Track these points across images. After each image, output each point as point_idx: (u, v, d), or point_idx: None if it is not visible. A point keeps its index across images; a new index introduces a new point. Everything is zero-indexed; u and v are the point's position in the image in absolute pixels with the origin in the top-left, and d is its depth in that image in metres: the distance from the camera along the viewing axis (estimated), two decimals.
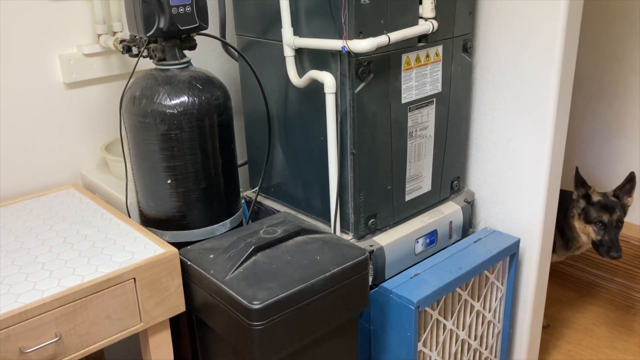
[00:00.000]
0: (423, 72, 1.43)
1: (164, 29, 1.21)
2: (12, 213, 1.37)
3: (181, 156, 1.26)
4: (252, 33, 1.51)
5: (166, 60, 1.28)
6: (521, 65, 1.52)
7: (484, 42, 1.58)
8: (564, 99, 1.52)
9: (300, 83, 1.38)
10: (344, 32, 1.25)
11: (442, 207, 1.61)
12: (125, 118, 1.29)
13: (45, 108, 1.49)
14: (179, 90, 1.24)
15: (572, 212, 1.89)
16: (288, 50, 1.38)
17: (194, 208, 1.32)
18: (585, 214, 1.85)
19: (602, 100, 2.28)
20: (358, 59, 1.28)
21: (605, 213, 1.82)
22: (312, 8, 1.31)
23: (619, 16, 2.16)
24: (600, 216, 1.82)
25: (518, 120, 1.57)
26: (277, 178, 1.59)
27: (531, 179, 1.59)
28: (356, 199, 1.39)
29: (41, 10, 1.42)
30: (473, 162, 1.71)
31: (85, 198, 1.45)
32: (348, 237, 1.43)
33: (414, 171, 1.51)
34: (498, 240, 1.60)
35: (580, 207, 1.86)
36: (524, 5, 1.47)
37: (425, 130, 1.50)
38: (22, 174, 1.49)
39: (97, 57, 1.52)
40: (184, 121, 1.24)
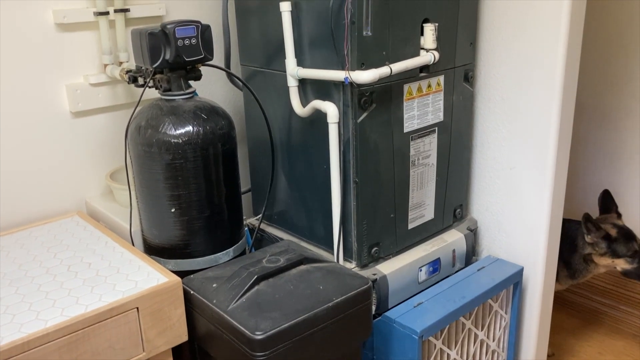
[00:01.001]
0: (425, 102, 1.45)
1: (169, 60, 1.23)
2: (16, 241, 1.38)
3: (185, 185, 1.28)
4: (256, 63, 1.53)
5: (171, 90, 1.30)
6: (522, 94, 1.53)
7: (485, 71, 1.60)
8: (565, 127, 1.53)
9: (303, 112, 1.40)
10: (346, 64, 1.27)
11: (445, 235, 1.62)
12: (131, 147, 1.31)
13: (52, 137, 1.51)
14: (184, 120, 1.26)
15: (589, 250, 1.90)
16: (291, 81, 1.40)
17: (198, 236, 1.32)
18: (613, 251, 1.85)
19: (604, 127, 2.29)
20: (360, 89, 1.30)
21: (632, 242, 1.83)
22: (315, 39, 1.33)
23: (618, 44, 2.18)
24: (630, 248, 1.83)
25: (520, 149, 1.58)
26: (280, 206, 1.60)
27: (534, 207, 1.59)
28: (359, 227, 1.40)
29: (49, 41, 1.45)
30: (475, 190, 1.72)
31: (90, 226, 1.45)
32: (351, 266, 1.43)
33: (417, 199, 1.52)
34: (501, 268, 1.59)
35: (604, 247, 1.86)
36: (524, 34, 1.49)
37: (428, 158, 1.51)
38: (28, 201, 1.51)
39: (103, 87, 1.54)
40: (189, 150, 1.26)
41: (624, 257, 1.84)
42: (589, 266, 1.94)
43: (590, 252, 1.89)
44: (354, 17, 1.23)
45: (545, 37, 1.45)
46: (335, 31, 1.27)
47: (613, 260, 1.87)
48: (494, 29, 1.55)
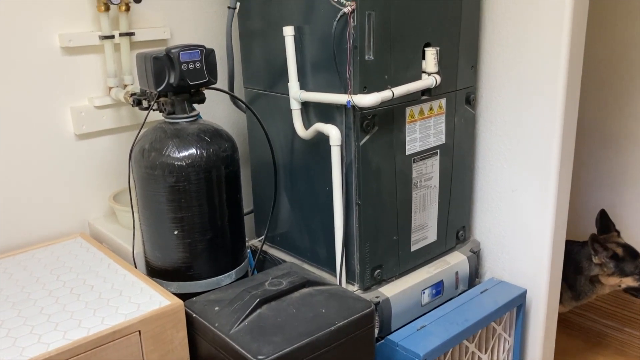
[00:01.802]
0: (427, 125, 1.46)
1: (174, 84, 1.25)
2: (19, 263, 1.38)
3: (188, 207, 1.28)
4: (260, 86, 1.54)
5: (175, 113, 1.31)
6: (524, 116, 1.54)
7: (487, 94, 1.61)
8: (567, 150, 1.53)
9: (306, 135, 1.40)
10: (349, 87, 1.28)
11: (448, 257, 1.61)
12: (134, 169, 1.31)
13: (55, 158, 1.52)
14: (188, 143, 1.27)
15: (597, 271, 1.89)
16: (294, 104, 1.41)
17: (200, 259, 1.32)
18: (621, 270, 1.85)
19: (605, 149, 2.30)
20: (363, 113, 1.31)
21: (638, 259, 1.84)
22: (318, 63, 1.35)
23: (619, 66, 2.20)
24: (638, 265, 1.84)
25: (522, 171, 1.58)
26: (283, 227, 1.60)
27: (536, 229, 1.59)
28: (362, 250, 1.40)
29: (55, 64, 1.47)
30: (478, 212, 1.72)
31: (93, 247, 1.46)
32: (354, 288, 1.42)
33: (419, 221, 1.52)
34: (504, 291, 1.59)
35: (612, 267, 1.86)
36: (525, 58, 1.50)
37: (430, 180, 1.51)
38: (31, 222, 1.51)
39: (108, 109, 1.55)
40: (192, 173, 1.26)
41: (632, 275, 1.84)
42: (595, 287, 1.94)
43: (597, 274, 1.89)
44: (356, 42, 1.25)
45: (546, 61, 1.46)
46: (337, 55, 1.28)
47: (621, 280, 1.87)
48: (494, 52, 1.57)
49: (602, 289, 1.94)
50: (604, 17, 2.19)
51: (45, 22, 1.43)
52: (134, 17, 1.56)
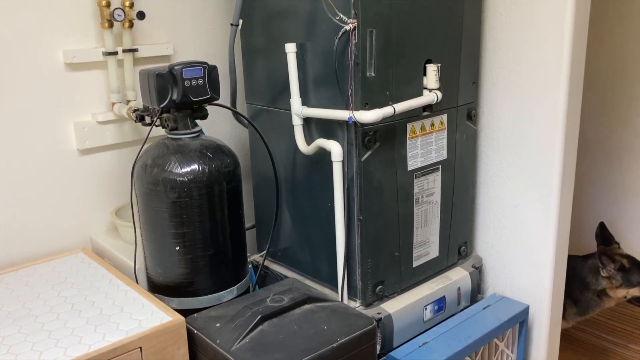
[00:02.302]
0: (428, 140, 1.46)
1: (176, 100, 1.25)
2: (21, 278, 1.38)
3: (190, 223, 1.28)
4: (262, 102, 1.55)
5: (178, 129, 1.32)
6: (525, 132, 1.55)
7: (488, 110, 1.62)
8: (568, 165, 1.53)
9: (308, 150, 1.41)
10: (350, 103, 1.28)
11: (450, 273, 1.61)
12: (137, 185, 1.32)
13: (58, 173, 1.52)
14: (190, 159, 1.27)
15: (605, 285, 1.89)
16: (296, 119, 1.41)
17: (202, 274, 1.32)
18: (628, 281, 1.85)
19: (607, 164, 2.30)
20: (364, 129, 1.31)
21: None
22: (320, 79, 1.36)
23: (621, 82, 2.21)
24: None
25: (524, 186, 1.58)
26: (285, 242, 1.60)
27: (538, 245, 1.59)
28: (363, 266, 1.40)
29: (58, 80, 1.48)
30: (480, 227, 1.72)
31: (94, 263, 1.46)
32: (355, 305, 1.42)
33: (421, 237, 1.51)
34: (507, 307, 1.58)
35: (619, 279, 1.86)
36: (526, 73, 1.51)
37: (432, 196, 1.51)
38: (33, 237, 1.51)
39: (111, 125, 1.56)
40: (194, 189, 1.27)
41: (639, 286, 1.84)
42: (603, 301, 1.93)
43: (605, 287, 1.89)
44: (358, 59, 1.25)
45: (547, 77, 1.47)
46: (339, 72, 1.29)
47: (628, 291, 1.87)
48: (495, 68, 1.57)
49: (609, 302, 1.93)
50: (605, 32, 2.20)
51: (50, 39, 1.45)
52: (137, 33, 1.58)
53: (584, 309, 1.95)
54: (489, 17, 1.56)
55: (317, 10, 1.30)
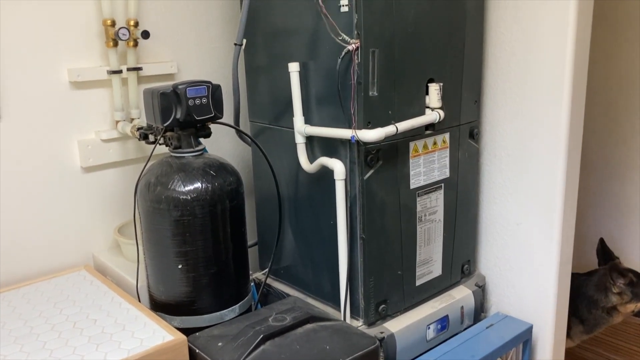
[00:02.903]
0: (431, 159, 1.47)
1: (180, 119, 1.26)
2: (23, 296, 1.38)
3: (193, 241, 1.28)
4: (265, 120, 1.56)
5: (181, 147, 1.32)
6: (528, 150, 1.55)
7: (490, 128, 1.62)
8: (571, 183, 1.53)
9: (310, 169, 1.41)
10: (353, 122, 1.29)
11: (453, 291, 1.60)
12: (140, 203, 1.32)
13: (61, 191, 1.53)
14: (193, 177, 1.28)
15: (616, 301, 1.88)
16: (299, 138, 1.42)
17: (204, 293, 1.32)
18: (636, 295, 1.86)
19: (610, 182, 2.29)
20: (367, 147, 1.32)
21: None
22: (323, 98, 1.36)
23: (622, 99, 2.21)
24: None
25: (527, 204, 1.58)
26: (287, 260, 1.60)
27: (542, 263, 1.58)
28: (366, 285, 1.39)
29: (63, 98, 1.49)
30: (483, 245, 1.71)
31: (97, 280, 1.46)
32: (358, 324, 1.41)
33: (424, 255, 1.51)
34: (510, 326, 1.57)
35: (629, 294, 1.86)
36: (528, 92, 1.51)
37: (435, 214, 1.51)
38: (35, 255, 1.51)
39: (114, 143, 1.57)
40: (197, 207, 1.27)
41: None
42: (612, 317, 1.92)
43: (616, 304, 1.88)
44: (360, 78, 1.26)
45: (548, 95, 1.47)
46: (342, 91, 1.30)
47: (637, 305, 1.86)
48: (497, 87, 1.58)
49: (618, 317, 1.92)
50: (607, 50, 2.21)
51: (54, 57, 1.46)
52: (142, 52, 1.59)
53: (591, 327, 1.94)
54: (490, 36, 1.57)
55: (320, 30, 1.31)
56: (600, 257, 1.99)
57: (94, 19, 1.50)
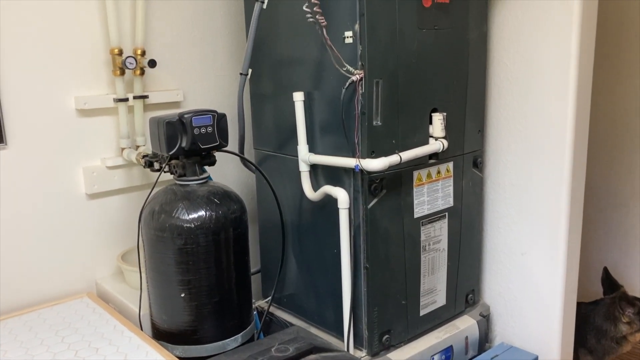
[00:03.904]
0: (435, 188, 1.47)
1: (185, 147, 1.27)
2: (25, 323, 1.37)
3: (196, 270, 1.28)
4: (269, 147, 1.57)
5: (186, 175, 1.33)
6: (532, 179, 1.55)
7: (494, 157, 1.63)
8: (575, 212, 1.53)
9: (314, 197, 1.41)
10: (357, 151, 1.30)
11: (457, 321, 1.59)
12: (144, 231, 1.32)
13: (66, 217, 1.53)
14: (197, 205, 1.28)
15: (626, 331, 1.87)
16: (303, 166, 1.43)
17: (206, 322, 1.31)
18: None
19: (614, 211, 2.29)
20: (371, 176, 1.32)
21: None
22: (327, 127, 1.37)
23: (625, 128, 2.22)
24: None
25: (531, 234, 1.58)
26: (290, 289, 1.59)
27: (547, 293, 1.57)
28: (370, 314, 1.38)
29: (69, 126, 1.50)
30: (487, 275, 1.70)
31: (99, 308, 1.45)
32: (361, 354, 1.40)
33: (428, 285, 1.50)
34: (515, 357, 1.55)
35: (638, 323, 1.84)
36: (531, 122, 1.52)
37: (439, 243, 1.51)
38: (38, 281, 1.51)
39: (119, 169, 1.58)
40: (201, 235, 1.27)
41: None
42: (620, 346, 1.90)
43: (626, 333, 1.86)
44: (364, 108, 1.27)
45: (552, 125, 1.48)
46: (346, 121, 1.31)
47: None
48: (501, 117, 1.59)
49: (627, 346, 1.90)
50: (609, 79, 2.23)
51: (62, 85, 1.48)
52: (148, 80, 1.61)
53: (600, 357, 1.92)
54: (493, 67, 1.58)
55: (325, 61, 1.32)
56: (605, 286, 1.98)
57: (102, 47, 1.52)
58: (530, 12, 1.48)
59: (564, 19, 1.41)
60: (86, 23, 1.49)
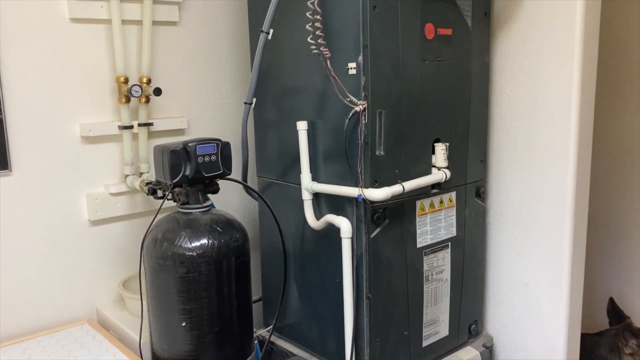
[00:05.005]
0: (437, 217, 1.47)
1: (189, 176, 1.27)
2: (24, 351, 1.36)
3: (197, 299, 1.27)
4: (272, 175, 1.57)
5: (189, 203, 1.33)
6: (534, 209, 1.55)
7: (497, 187, 1.63)
8: (579, 242, 1.52)
9: (317, 225, 1.41)
10: (360, 181, 1.30)
11: (460, 352, 1.57)
12: (146, 259, 1.32)
13: (67, 244, 1.53)
14: (200, 234, 1.28)
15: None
16: (306, 194, 1.43)
17: (207, 352, 1.30)
18: None
19: (618, 241, 2.28)
20: (374, 206, 1.32)
21: None
22: (330, 156, 1.38)
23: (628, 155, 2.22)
24: None
25: (534, 263, 1.57)
26: (291, 318, 1.58)
27: (550, 324, 1.56)
28: (372, 345, 1.37)
29: (73, 153, 1.51)
30: (490, 305, 1.69)
31: (99, 335, 1.44)
32: None
33: (431, 316, 1.49)
34: None
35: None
36: (534, 151, 1.53)
37: (441, 274, 1.50)
38: (38, 308, 1.50)
39: (123, 196, 1.58)
40: (203, 264, 1.26)
41: None
42: None
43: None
44: (367, 138, 1.28)
45: (554, 156, 1.49)
46: (349, 150, 1.31)
47: None
48: (503, 147, 1.60)
49: None
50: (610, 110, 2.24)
51: (68, 112, 1.49)
52: (153, 107, 1.62)
53: None
54: (496, 98, 1.60)
55: (328, 91, 1.34)
56: (611, 317, 1.96)
57: (108, 75, 1.54)
58: (532, 43, 1.50)
59: (565, 50, 1.42)
60: (93, 51, 1.51)
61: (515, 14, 1.52)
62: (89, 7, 1.47)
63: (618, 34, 2.15)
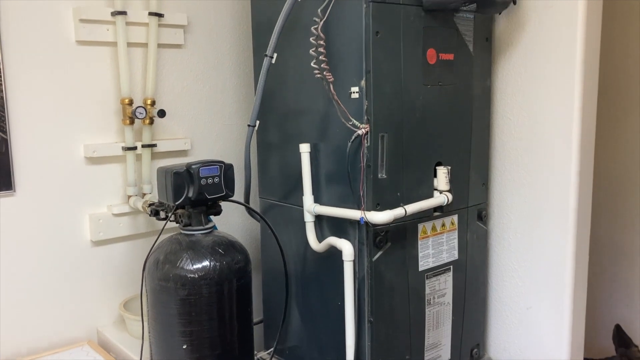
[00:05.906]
0: (439, 240, 1.47)
1: (192, 198, 1.28)
2: None
3: (198, 321, 1.27)
4: (275, 197, 1.58)
5: (192, 225, 1.33)
6: (536, 232, 1.55)
7: (498, 210, 1.63)
8: (581, 266, 1.52)
9: (319, 248, 1.41)
10: (362, 204, 1.30)
11: None
12: (147, 280, 1.32)
13: (69, 265, 1.53)
14: (202, 256, 1.28)
15: None
16: (308, 216, 1.43)
17: None
18: None
19: (620, 264, 2.27)
20: (376, 229, 1.32)
21: None
22: (332, 178, 1.38)
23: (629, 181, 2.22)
24: None
25: (536, 288, 1.56)
26: (293, 340, 1.57)
27: (553, 348, 1.54)
28: None
29: (77, 173, 1.52)
30: (493, 329, 1.68)
31: (100, 357, 1.43)
32: None
33: (433, 339, 1.48)
34: None
35: None
36: (536, 174, 1.53)
37: (443, 297, 1.49)
38: (39, 329, 1.50)
39: (125, 217, 1.59)
40: (204, 286, 1.26)
41: None
42: None
43: None
44: (370, 161, 1.29)
45: (556, 179, 1.49)
46: (351, 173, 1.32)
47: None
48: (505, 170, 1.60)
49: None
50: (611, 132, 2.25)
51: (72, 133, 1.50)
52: (157, 128, 1.63)
53: None
54: (497, 121, 1.60)
55: (331, 114, 1.35)
56: (616, 344, 1.94)
57: (113, 97, 1.55)
58: (533, 67, 1.51)
59: (566, 75, 1.43)
60: (98, 73, 1.53)
61: (516, 39, 1.54)
62: (95, 29, 1.49)
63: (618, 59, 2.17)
